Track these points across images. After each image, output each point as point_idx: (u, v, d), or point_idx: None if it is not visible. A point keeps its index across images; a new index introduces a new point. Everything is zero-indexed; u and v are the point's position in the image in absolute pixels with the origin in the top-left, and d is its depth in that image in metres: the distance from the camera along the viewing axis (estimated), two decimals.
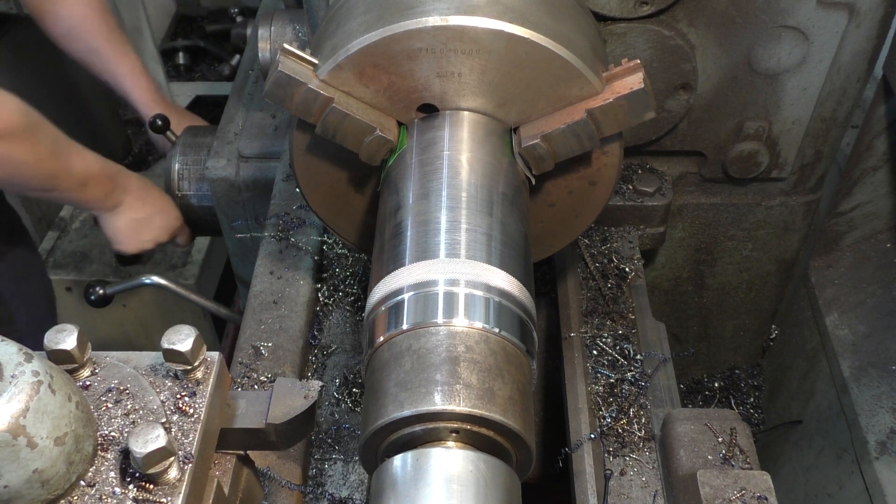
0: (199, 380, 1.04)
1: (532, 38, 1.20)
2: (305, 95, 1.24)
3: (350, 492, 1.55)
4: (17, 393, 0.83)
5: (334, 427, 1.65)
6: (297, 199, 1.97)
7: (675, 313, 2.44)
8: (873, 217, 2.25)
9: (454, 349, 1.03)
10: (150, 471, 0.91)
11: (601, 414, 1.59)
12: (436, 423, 1.00)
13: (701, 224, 2.19)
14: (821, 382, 2.27)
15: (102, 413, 0.99)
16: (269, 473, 1.43)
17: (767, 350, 2.61)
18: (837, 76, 1.84)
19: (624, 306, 1.79)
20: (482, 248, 1.15)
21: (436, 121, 1.30)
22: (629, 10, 1.69)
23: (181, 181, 2.52)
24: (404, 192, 1.25)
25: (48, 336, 0.98)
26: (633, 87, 1.23)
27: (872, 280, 2.25)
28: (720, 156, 2.01)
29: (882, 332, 2.14)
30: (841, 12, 1.72)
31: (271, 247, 1.88)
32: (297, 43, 1.88)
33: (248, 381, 1.59)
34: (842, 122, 1.95)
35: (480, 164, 1.26)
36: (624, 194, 1.98)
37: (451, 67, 1.24)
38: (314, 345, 1.76)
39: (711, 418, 1.48)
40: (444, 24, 1.20)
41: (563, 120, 1.26)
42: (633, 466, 1.51)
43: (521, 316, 1.12)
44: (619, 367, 1.67)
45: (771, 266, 2.30)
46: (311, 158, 1.38)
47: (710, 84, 1.86)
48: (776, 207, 2.14)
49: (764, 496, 1.32)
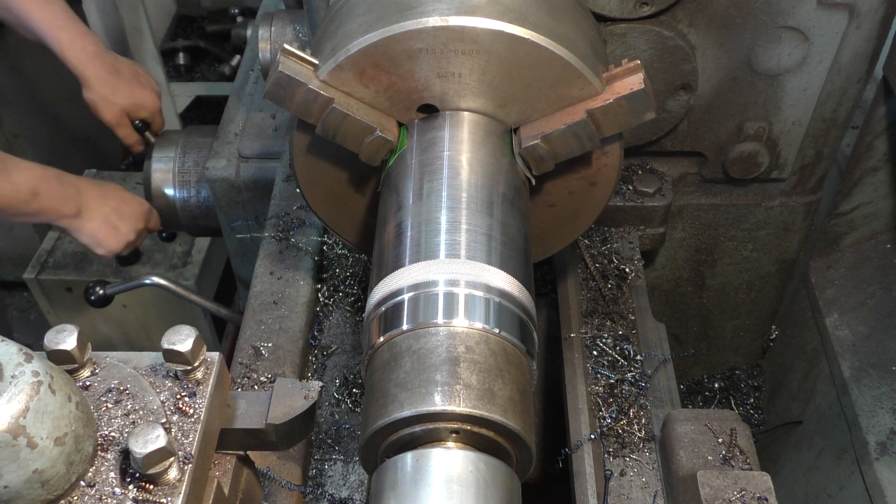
0: (200, 380, 1.04)
1: (532, 38, 1.20)
2: (306, 96, 1.24)
3: (350, 492, 1.55)
4: (17, 393, 0.83)
5: (334, 427, 1.64)
6: (297, 200, 1.97)
7: (676, 314, 2.44)
8: (873, 218, 2.25)
9: (454, 350, 1.03)
10: (150, 471, 0.91)
11: (601, 414, 1.59)
12: (436, 424, 1.00)
13: (701, 225, 2.19)
14: (821, 383, 2.27)
15: (102, 413, 0.99)
16: (269, 474, 1.43)
17: (767, 351, 2.61)
18: (838, 77, 1.84)
19: (624, 307, 1.79)
20: (482, 248, 1.15)
21: (436, 121, 1.30)
22: (629, 11, 1.69)
23: (172, 183, 2.51)
24: (404, 193, 1.25)
25: (48, 336, 0.99)
26: (634, 87, 1.23)
27: (873, 281, 2.24)
28: (720, 156, 2.01)
29: (882, 333, 2.14)
30: (841, 13, 1.72)
31: (271, 247, 1.88)
32: (298, 43, 1.89)
33: (248, 382, 1.59)
34: (842, 122, 1.95)
35: (480, 165, 1.26)
36: (624, 195, 1.98)
37: (451, 68, 1.24)
38: (314, 345, 1.76)
39: (711, 419, 1.48)
40: (445, 24, 1.20)
41: (564, 120, 1.26)
42: (633, 467, 1.51)
43: (522, 316, 1.12)
44: (619, 367, 1.67)
45: (771, 267, 2.30)
46: (311, 159, 1.38)
47: (711, 85, 1.86)
48: (776, 208, 2.14)
49: (764, 497, 1.32)
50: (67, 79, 2.49)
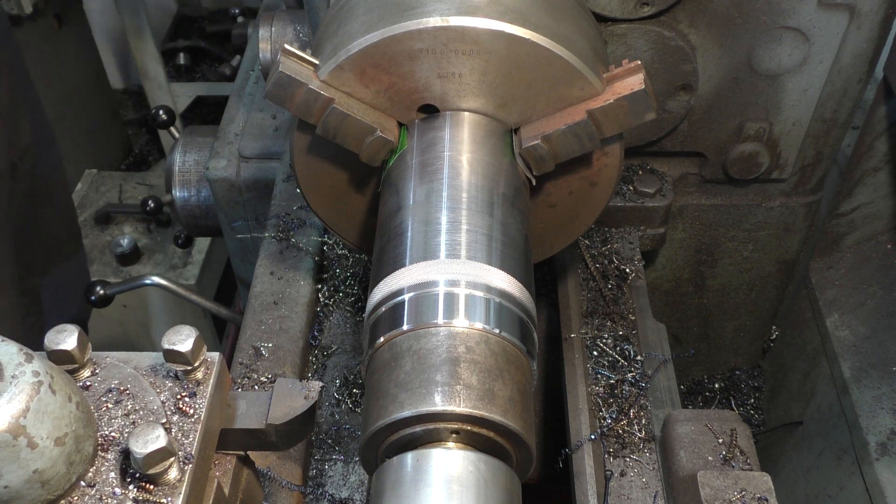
0: (200, 380, 1.04)
1: (533, 38, 1.20)
2: (306, 96, 1.24)
3: (350, 492, 1.55)
4: (17, 393, 0.83)
5: (335, 428, 1.64)
6: (297, 200, 1.97)
7: (676, 314, 2.44)
8: (874, 218, 2.25)
9: (454, 350, 1.03)
10: (151, 471, 0.91)
11: (601, 415, 1.59)
12: (436, 424, 1.00)
13: (701, 225, 2.19)
14: (821, 383, 2.27)
15: (103, 413, 0.99)
16: (270, 474, 1.43)
17: (768, 351, 2.61)
18: (838, 77, 1.84)
19: (624, 307, 1.79)
20: (482, 248, 1.15)
21: (436, 121, 1.30)
22: (630, 11, 1.69)
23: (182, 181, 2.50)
24: (405, 193, 1.25)
25: (48, 336, 0.98)
26: (634, 87, 1.23)
27: (873, 281, 2.25)
28: (721, 157, 2.01)
29: (882, 334, 2.14)
30: (842, 13, 1.72)
31: (272, 247, 1.88)
32: (298, 43, 1.89)
33: (248, 382, 1.59)
34: (842, 123, 1.95)
35: (481, 165, 1.26)
36: (624, 195, 1.98)
37: (451, 68, 1.24)
38: (314, 345, 1.76)
39: (712, 419, 1.48)
40: (445, 24, 1.20)
41: (564, 121, 1.26)
42: (634, 467, 1.51)
43: (522, 317, 1.12)
44: (620, 367, 1.67)
45: (771, 267, 2.30)
46: (311, 159, 1.38)
47: (711, 85, 1.86)
48: (777, 208, 2.14)
49: (764, 497, 1.32)
50: (67, 80, 2.50)
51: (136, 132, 5.45)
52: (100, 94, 4.56)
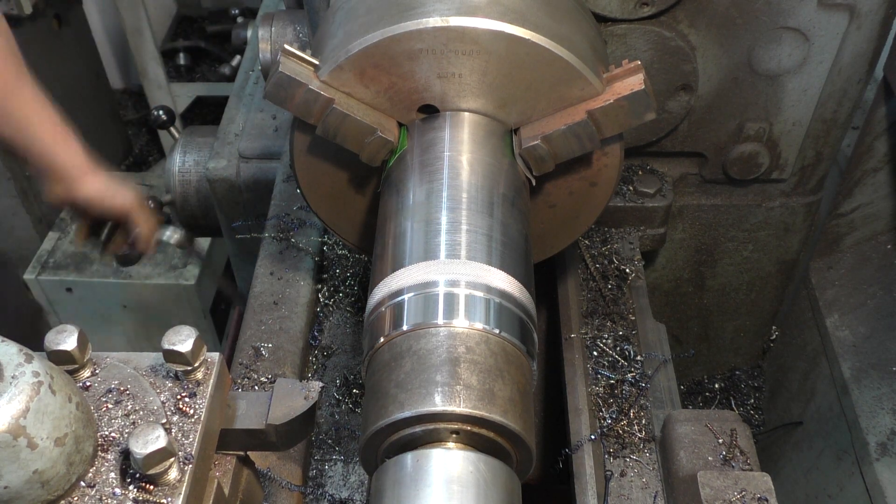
0: (200, 380, 1.04)
1: (533, 39, 1.20)
2: (306, 96, 1.24)
3: (350, 493, 1.55)
4: (17, 394, 0.83)
5: (335, 428, 1.64)
6: (297, 200, 1.97)
7: (676, 314, 2.44)
8: (874, 218, 2.25)
9: (454, 350, 1.03)
10: (151, 471, 0.91)
11: (601, 415, 1.59)
12: (436, 424, 1.00)
13: (701, 225, 2.19)
14: (821, 384, 2.27)
15: (103, 414, 0.99)
16: (270, 474, 1.43)
17: (768, 351, 2.61)
18: (838, 77, 1.84)
19: (624, 307, 1.79)
20: (482, 249, 1.15)
21: (436, 122, 1.30)
22: (630, 11, 1.69)
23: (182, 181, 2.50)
24: (405, 193, 1.25)
25: (48, 337, 0.98)
26: (634, 87, 1.23)
27: (873, 281, 2.24)
28: (721, 157, 2.01)
29: (882, 334, 2.14)
30: (842, 13, 1.72)
31: (272, 248, 1.88)
32: (298, 44, 1.88)
33: (248, 382, 1.59)
34: (842, 123, 1.95)
35: (481, 165, 1.26)
36: (624, 195, 1.98)
37: (451, 68, 1.24)
38: (314, 346, 1.76)
39: (712, 419, 1.48)
40: (445, 24, 1.20)
41: (564, 121, 1.26)
42: (634, 467, 1.51)
43: (522, 317, 1.12)
44: (620, 368, 1.67)
45: (771, 267, 2.30)
46: (311, 159, 1.38)
47: (711, 85, 1.86)
48: (777, 209, 2.14)
49: (764, 497, 1.32)
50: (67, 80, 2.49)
51: (136, 132, 5.44)
52: (100, 95, 4.55)
